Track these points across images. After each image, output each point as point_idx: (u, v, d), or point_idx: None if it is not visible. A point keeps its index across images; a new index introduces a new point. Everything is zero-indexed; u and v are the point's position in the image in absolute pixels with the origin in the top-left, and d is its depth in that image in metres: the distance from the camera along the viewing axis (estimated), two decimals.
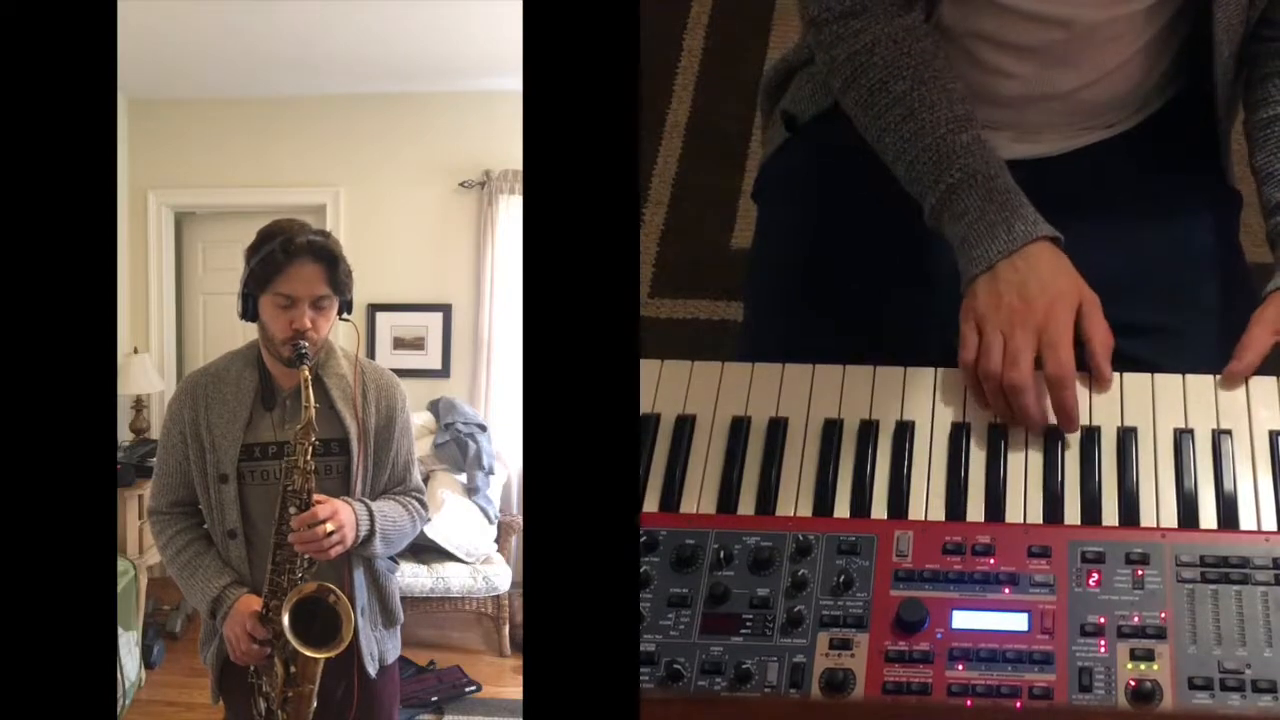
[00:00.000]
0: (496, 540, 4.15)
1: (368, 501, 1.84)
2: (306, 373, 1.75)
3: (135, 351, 4.59)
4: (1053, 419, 1.25)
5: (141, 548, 3.88)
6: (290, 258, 1.76)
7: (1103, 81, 1.46)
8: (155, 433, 4.59)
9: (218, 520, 1.84)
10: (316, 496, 1.75)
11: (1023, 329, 1.26)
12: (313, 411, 1.74)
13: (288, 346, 1.78)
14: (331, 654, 1.74)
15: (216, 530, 1.85)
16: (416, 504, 1.94)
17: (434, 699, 3.68)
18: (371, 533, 1.81)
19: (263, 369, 1.86)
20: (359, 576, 1.87)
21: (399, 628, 1.98)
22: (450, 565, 3.96)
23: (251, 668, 1.81)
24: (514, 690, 3.78)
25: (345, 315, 1.87)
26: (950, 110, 1.36)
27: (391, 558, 1.96)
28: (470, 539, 4.01)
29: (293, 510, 1.75)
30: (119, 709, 3.44)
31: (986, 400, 1.27)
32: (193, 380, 1.89)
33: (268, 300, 1.79)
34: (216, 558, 1.85)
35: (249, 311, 1.83)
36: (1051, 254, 1.30)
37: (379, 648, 1.91)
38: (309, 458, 1.75)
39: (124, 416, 4.47)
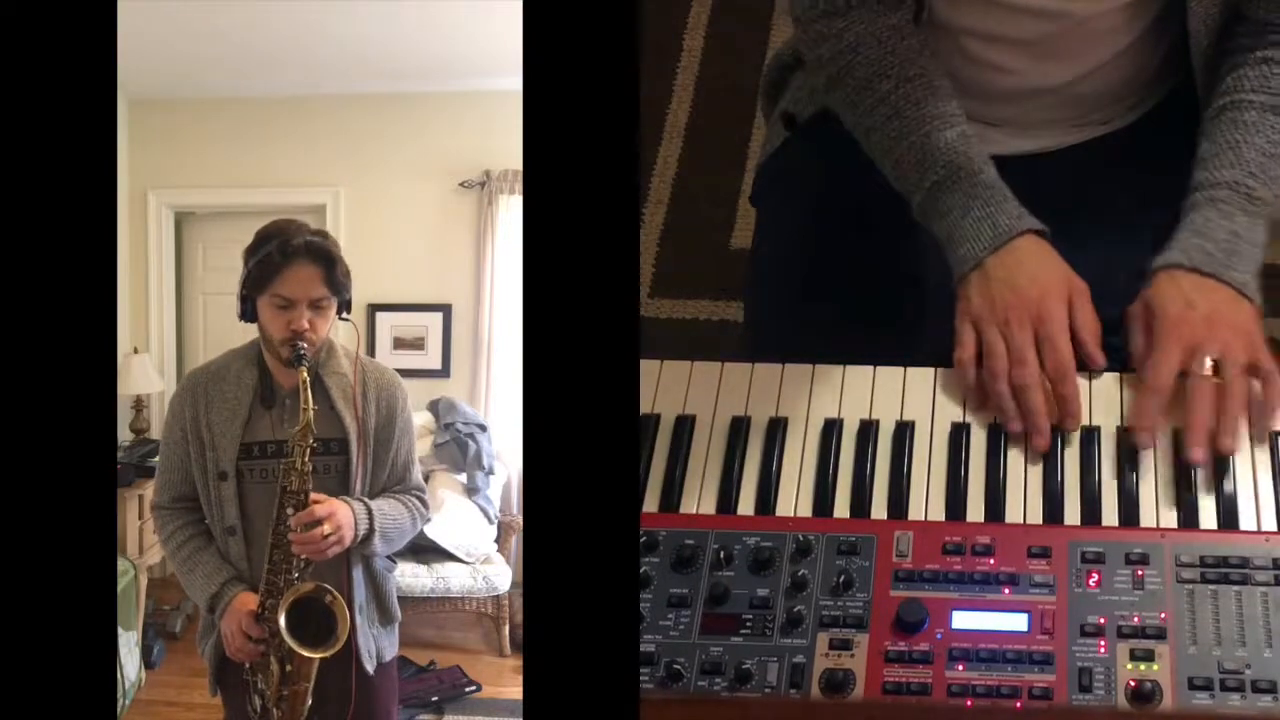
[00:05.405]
0: (496, 540, 4.15)
1: (367, 500, 1.84)
2: (305, 374, 1.75)
3: (135, 351, 4.59)
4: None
5: (141, 548, 3.87)
6: (287, 259, 1.76)
7: (1096, 75, 1.45)
8: (155, 433, 4.59)
9: (217, 517, 1.85)
10: (314, 497, 1.75)
11: (1019, 325, 1.26)
12: (311, 414, 1.74)
13: (286, 347, 1.78)
14: (327, 654, 1.74)
15: (216, 526, 1.86)
16: (417, 502, 1.95)
17: (434, 699, 3.68)
18: (371, 531, 1.81)
19: (263, 367, 1.87)
20: (357, 575, 1.87)
21: (396, 626, 1.99)
22: (450, 565, 3.96)
23: (247, 664, 1.82)
24: (514, 690, 3.78)
25: (345, 315, 1.87)
26: (935, 107, 1.36)
27: (390, 557, 1.96)
28: (470, 539, 4.01)
29: (290, 511, 1.75)
30: (119, 709, 3.43)
31: (987, 400, 1.26)
32: (194, 378, 1.89)
33: (265, 302, 1.79)
34: (216, 554, 1.86)
35: (248, 313, 1.83)
36: (1038, 246, 1.31)
37: (376, 645, 1.91)
38: (306, 459, 1.75)
39: (124, 416, 4.47)
